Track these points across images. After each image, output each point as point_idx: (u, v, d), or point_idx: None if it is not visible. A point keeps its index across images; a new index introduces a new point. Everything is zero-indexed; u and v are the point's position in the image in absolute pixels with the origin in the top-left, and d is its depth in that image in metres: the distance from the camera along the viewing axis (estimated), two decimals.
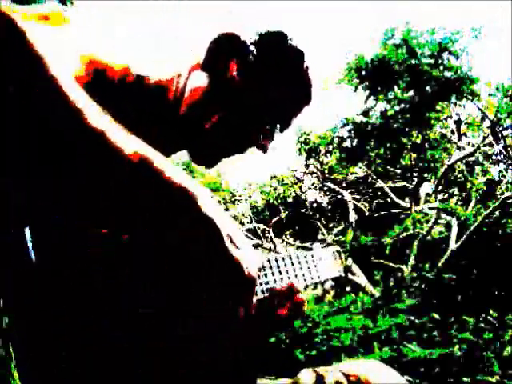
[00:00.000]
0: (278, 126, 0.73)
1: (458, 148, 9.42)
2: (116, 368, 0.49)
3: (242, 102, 0.68)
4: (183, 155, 0.80)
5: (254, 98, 0.69)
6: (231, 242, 0.47)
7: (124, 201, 0.41)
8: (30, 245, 0.45)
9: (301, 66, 0.71)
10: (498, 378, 5.05)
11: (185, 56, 0.73)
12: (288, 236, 10.83)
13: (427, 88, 9.35)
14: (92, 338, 0.48)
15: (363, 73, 9.71)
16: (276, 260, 0.77)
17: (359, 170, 10.57)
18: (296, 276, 0.81)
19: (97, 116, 0.39)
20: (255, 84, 0.68)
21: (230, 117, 0.68)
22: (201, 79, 0.69)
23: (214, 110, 0.68)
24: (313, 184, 11.22)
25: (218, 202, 11.18)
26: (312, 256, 0.91)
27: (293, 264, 0.82)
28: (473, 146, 9.19)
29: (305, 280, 0.84)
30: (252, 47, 0.69)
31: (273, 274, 0.74)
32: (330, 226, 10.84)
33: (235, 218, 11.44)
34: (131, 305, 0.52)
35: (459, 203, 8.79)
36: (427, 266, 7.60)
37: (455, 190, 9.36)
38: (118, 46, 0.60)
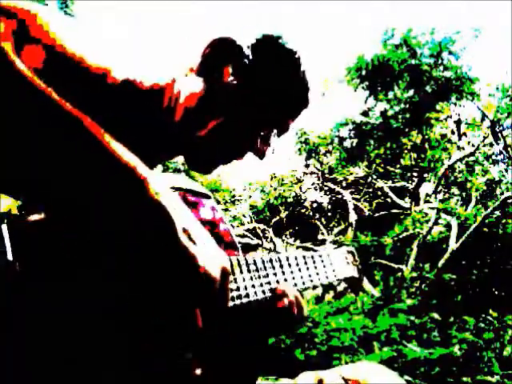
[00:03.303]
0: (275, 131, 0.72)
1: (458, 148, 9.42)
2: (111, 367, 0.48)
3: (238, 107, 0.67)
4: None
5: (250, 103, 0.67)
6: (188, 236, 0.43)
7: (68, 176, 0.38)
8: (7, 243, 0.44)
9: (297, 70, 0.70)
10: (498, 377, 5.05)
11: (179, 61, 0.72)
12: (288, 236, 10.82)
13: (427, 88, 9.34)
14: (83, 338, 0.47)
15: (363, 73, 9.70)
16: (279, 260, 0.75)
17: (359, 170, 10.57)
18: (302, 277, 0.78)
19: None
20: (251, 89, 0.67)
21: (226, 123, 0.67)
22: (196, 85, 0.67)
23: (210, 116, 0.66)
24: (313, 184, 11.22)
25: (218, 202, 11.16)
26: (320, 256, 0.87)
27: (298, 264, 0.79)
28: (473, 145, 9.19)
29: (311, 281, 0.80)
30: (247, 52, 0.68)
31: (275, 274, 0.72)
32: (330, 226, 10.84)
33: (235, 218, 11.43)
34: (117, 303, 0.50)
35: (459, 203, 8.78)
36: (427, 266, 7.60)
37: (455, 190, 9.35)
38: (101, 48, 0.59)
